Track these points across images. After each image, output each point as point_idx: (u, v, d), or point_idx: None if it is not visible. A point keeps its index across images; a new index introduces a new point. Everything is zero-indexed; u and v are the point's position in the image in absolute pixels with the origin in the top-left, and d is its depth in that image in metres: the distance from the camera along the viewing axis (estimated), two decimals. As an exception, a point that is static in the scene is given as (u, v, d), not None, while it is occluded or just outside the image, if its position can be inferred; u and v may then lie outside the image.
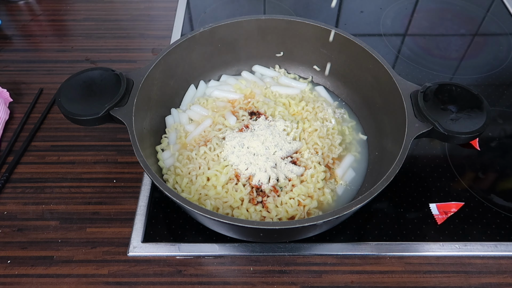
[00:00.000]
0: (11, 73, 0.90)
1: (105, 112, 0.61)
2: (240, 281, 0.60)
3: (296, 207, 0.63)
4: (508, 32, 1.02)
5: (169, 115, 0.75)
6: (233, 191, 0.63)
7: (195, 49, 0.74)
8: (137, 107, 0.62)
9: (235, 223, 0.51)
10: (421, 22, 1.05)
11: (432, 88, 0.64)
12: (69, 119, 0.61)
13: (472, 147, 0.76)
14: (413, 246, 0.64)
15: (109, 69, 0.66)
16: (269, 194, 0.64)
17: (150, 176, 0.54)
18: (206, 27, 0.73)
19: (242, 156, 0.65)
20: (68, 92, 0.63)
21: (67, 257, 0.63)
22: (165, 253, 0.63)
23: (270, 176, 0.64)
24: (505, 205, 0.69)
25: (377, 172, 0.66)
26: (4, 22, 1.02)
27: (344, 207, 0.51)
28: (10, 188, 0.71)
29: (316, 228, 0.58)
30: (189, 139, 0.71)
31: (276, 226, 0.50)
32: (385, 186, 0.53)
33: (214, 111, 0.75)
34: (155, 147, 0.70)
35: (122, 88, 0.63)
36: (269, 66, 0.84)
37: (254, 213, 0.62)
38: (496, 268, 0.62)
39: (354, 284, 0.60)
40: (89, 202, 0.69)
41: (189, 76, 0.78)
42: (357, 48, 0.71)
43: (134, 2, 1.09)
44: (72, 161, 0.74)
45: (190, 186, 0.64)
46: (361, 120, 0.77)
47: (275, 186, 0.64)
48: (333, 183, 0.68)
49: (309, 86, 0.81)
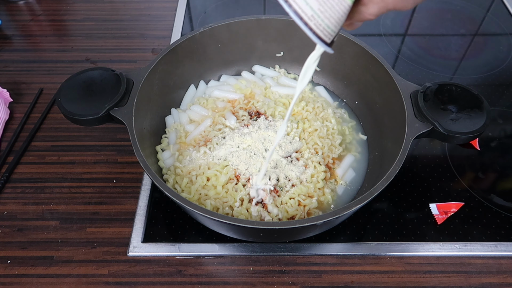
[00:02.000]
0: (11, 73, 0.90)
1: (105, 112, 0.61)
2: (240, 281, 0.60)
3: (296, 207, 0.63)
4: (508, 32, 1.02)
5: (169, 115, 0.75)
6: (233, 191, 0.63)
7: (195, 49, 0.74)
8: (137, 107, 0.62)
9: (235, 223, 0.51)
10: (421, 22, 1.05)
11: (432, 88, 0.64)
12: (69, 119, 0.61)
13: (472, 147, 0.76)
14: (413, 246, 0.64)
15: (109, 69, 0.66)
16: (269, 194, 0.64)
17: (150, 176, 0.54)
18: (206, 27, 0.73)
19: (241, 156, 0.65)
20: (68, 92, 0.63)
21: (67, 257, 0.63)
22: (165, 253, 0.63)
23: (270, 176, 0.64)
24: (505, 205, 0.69)
25: (377, 172, 0.66)
26: (4, 22, 1.02)
27: (344, 207, 0.51)
28: (10, 188, 0.71)
29: (316, 228, 0.58)
30: (189, 139, 0.72)
31: (276, 226, 0.50)
32: (385, 186, 0.53)
33: (215, 111, 0.76)
34: (155, 147, 0.70)
35: (122, 88, 0.63)
36: (269, 66, 0.84)
37: (254, 213, 0.62)
38: (496, 268, 0.62)
39: (354, 284, 0.60)
40: (89, 202, 0.69)
41: (189, 76, 0.78)
42: (357, 48, 0.71)
43: (134, 2, 1.09)
44: (72, 161, 0.74)
45: (190, 186, 0.64)
46: (361, 120, 0.77)
47: (275, 186, 0.64)
48: (333, 183, 0.68)
49: (309, 86, 0.81)
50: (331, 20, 0.39)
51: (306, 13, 0.38)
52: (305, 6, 0.37)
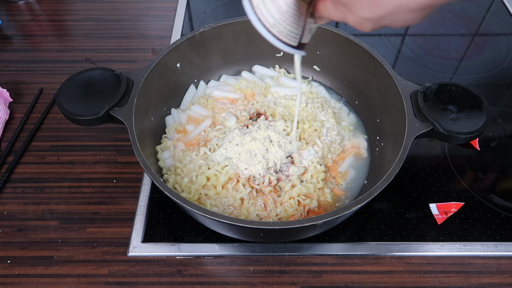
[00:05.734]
0: (11, 73, 0.90)
1: (105, 112, 0.61)
2: (240, 281, 0.60)
3: (296, 207, 0.63)
4: (508, 32, 1.02)
5: (169, 115, 0.75)
6: (233, 191, 0.63)
7: (195, 49, 0.74)
8: (137, 107, 0.62)
9: (235, 223, 0.51)
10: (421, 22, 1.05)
11: (432, 88, 0.64)
12: (69, 119, 0.61)
13: (472, 147, 0.76)
14: (413, 246, 0.64)
15: (109, 69, 0.66)
16: (268, 194, 0.64)
17: (150, 176, 0.54)
18: (206, 27, 0.73)
19: (242, 156, 0.65)
20: (68, 92, 0.63)
21: (67, 257, 0.63)
22: (165, 253, 0.63)
23: (270, 176, 0.64)
24: (505, 205, 0.69)
25: (377, 172, 0.66)
26: (4, 22, 1.02)
27: (344, 207, 0.51)
28: (10, 188, 0.71)
29: (316, 228, 0.58)
30: (189, 139, 0.71)
31: (276, 226, 0.50)
32: (385, 186, 0.53)
33: (215, 111, 0.75)
34: (155, 147, 0.70)
35: (122, 88, 0.63)
36: (269, 66, 0.84)
37: (254, 213, 0.62)
38: (496, 268, 0.62)
39: (354, 284, 0.60)
40: (89, 202, 0.69)
41: (189, 76, 0.78)
42: (357, 48, 0.71)
43: (134, 2, 1.09)
44: (72, 161, 0.74)
45: (190, 186, 0.64)
46: (361, 120, 0.77)
47: (275, 187, 0.64)
48: (333, 183, 0.68)
49: (309, 86, 0.81)
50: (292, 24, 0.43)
51: (268, 21, 0.43)
52: (267, 15, 0.42)
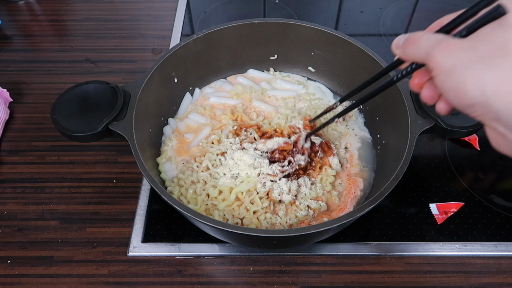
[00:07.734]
0: (11, 73, 0.90)
1: (104, 127, 0.59)
2: (240, 281, 0.60)
3: (306, 211, 0.62)
4: (508, 32, 1.01)
5: (167, 125, 0.74)
6: (248, 204, 0.62)
7: (189, 57, 0.73)
8: (137, 120, 0.61)
9: (249, 233, 0.49)
10: (421, 22, 1.05)
11: (432, 86, 0.64)
12: (66, 136, 0.59)
13: (472, 147, 0.76)
14: (413, 246, 0.64)
15: (104, 82, 0.64)
16: (289, 205, 0.63)
17: (161, 193, 0.52)
18: (199, 34, 0.72)
19: (256, 170, 0.64)
20: (63, 108, 0.61)
21: (67, 257, 0.63)
22: (165, 253, 0.63)
23: (290, 187, 0.63)
24: (505, 205, 0.69)
25: (380, 170, 0.66)
26: (4, 22, 1.02)
27: (358, 209, 0.51)
28: (10, 188, 0.71)
29: (329, 232, 0.57)
30: (189, 149, 0.71)
31: (291, 234, 0.49)
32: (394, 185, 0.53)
33: (216, 119, 0.74)
34: (156, 159, 0.69)
35: (120, 101, 0.61)
36: (264, 69, 0.84)
37: (264, 221, 0.61)
38: (496, 268, 0.62)
39: (354, 284, 0.60)
40: (89, 202, 0.69)
41: (184, 84, 0.77)
42: (353, 48, 0.71)
43: (134, 2, 1.09)
44: (72, 161, 0.74)
45: (196, 197, 0.63)
46: (361, 120, 0.77)
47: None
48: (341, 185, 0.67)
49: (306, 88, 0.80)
50: None
51: None
52: None
